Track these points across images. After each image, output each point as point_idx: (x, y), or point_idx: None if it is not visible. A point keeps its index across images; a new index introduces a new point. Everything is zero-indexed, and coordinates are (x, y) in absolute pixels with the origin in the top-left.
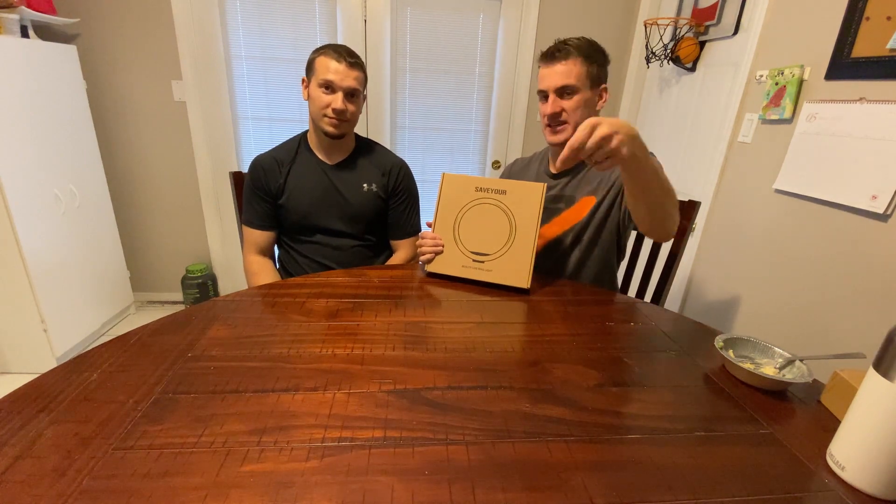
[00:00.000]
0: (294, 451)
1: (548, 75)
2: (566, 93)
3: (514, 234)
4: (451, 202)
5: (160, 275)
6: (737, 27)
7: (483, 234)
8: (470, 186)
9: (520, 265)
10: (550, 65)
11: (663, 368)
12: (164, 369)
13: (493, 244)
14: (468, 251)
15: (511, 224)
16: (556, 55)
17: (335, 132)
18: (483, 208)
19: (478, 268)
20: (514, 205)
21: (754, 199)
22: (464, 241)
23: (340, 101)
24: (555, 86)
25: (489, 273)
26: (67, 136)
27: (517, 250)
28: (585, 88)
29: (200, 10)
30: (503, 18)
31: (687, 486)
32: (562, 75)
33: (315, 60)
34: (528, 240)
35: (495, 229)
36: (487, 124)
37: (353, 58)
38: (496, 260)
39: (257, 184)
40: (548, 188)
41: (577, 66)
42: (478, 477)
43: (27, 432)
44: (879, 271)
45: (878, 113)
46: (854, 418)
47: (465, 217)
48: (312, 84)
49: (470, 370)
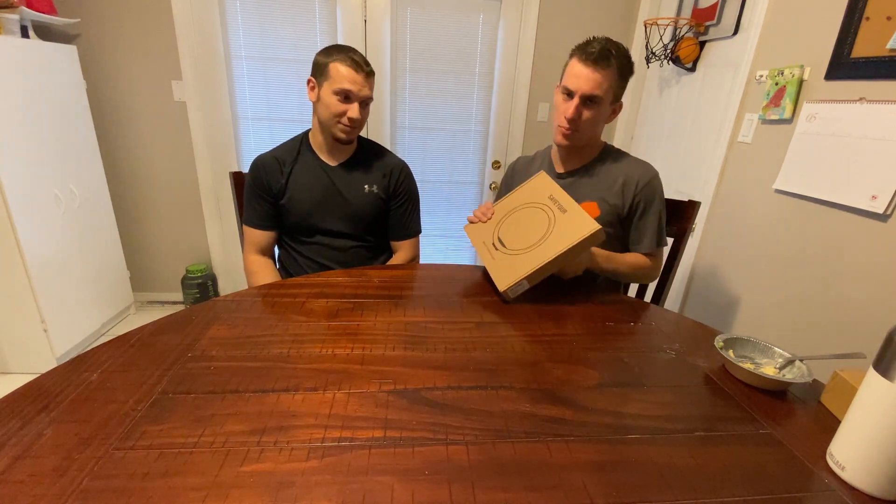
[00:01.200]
0: (294, 451)
1: (583, 77)
2: (592, 102)
3: (537, 246)
4: (526, 196)
5: (160, 275)
6: (737, 27)
7: (519, 231)
8: (546, 192)
9: (514, 271)
10: (590, 67)
11: (663, 368)
12: (164, 369)
13: (518, 242)
14: (496, 235)
15: (544, 238)
16: (599, 60)
17: (347, 139)
18: (539, 214)
19: (489, 251)
20: (562, 224)
21: (754, 199)
22: (502, 225)
23: (357, 111)
24: (586, 91)
25: (492, 261)
26: (67, 136)
27: (526, 258)
28: (608, 102)
29: (200, 10)
30: (503, 18)
31: (687, 486)
32: (596, 84)
33: (328, 66)
34: (541, 257)
35: (529, 234)
36: (487, 124)
37: (369, 66)
38: (506, 255)
39: (258, 183)
40: None
41: (611, 79)
42: (478, 477)
43: (27, 432)
44: (879, 271)
45: (878, 113)
46: (854, 418)
47: (521, 211)
48: (325, 89)
49: (470, 370)
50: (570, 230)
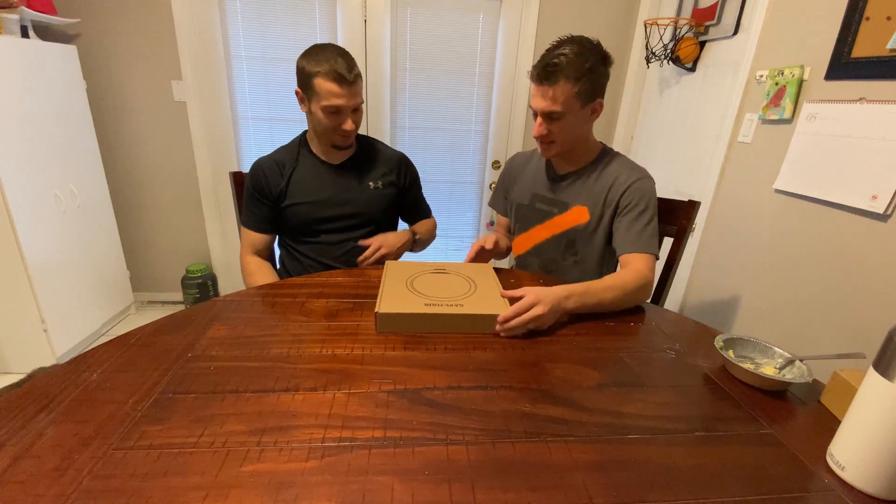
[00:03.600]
0: (294, 451)
1: (536, 96)
2: (553, 117)
3: (476, 286)
4: (397, 276)
5: (160, 275)
6: (737, 27)
7: (442, 286)
8: (415, 268)
9: (494, 300)
10: (539, 85)
11: (663, 368)
12: (164, 369)
13: (454, 293)
14: (427, 296)
15: (470, 282)
16: (544, 78)
17: (346, 145)
18: (435, 276)
19: (443, 305)
20: (469, 271)
21: (754, 199)
22: (420, 290)
23: (350, 123)
24: (543, 109)
25: (460, 307)
26: (67, 136)
27: (484, 293)
28: (574, 110)
29: (200, 10)
30: (503, 18)
31: (687, 486)
32: (549, 101)
33: (314, 81)
34: (493, 288)
35: (453, 285)
36: (487, 124)
37: (353, 71)
38: (464, 299)
39: (258, 187)
40: (546, 190)
41: (565, 91)
42: (478, 477)
43: (27, 432)
44: (879, 271)
45: (878, 113)
46: (854, 418)
47: (417, 279)
48: (314, 104)
49: (470, 370)
50: (480, 271)
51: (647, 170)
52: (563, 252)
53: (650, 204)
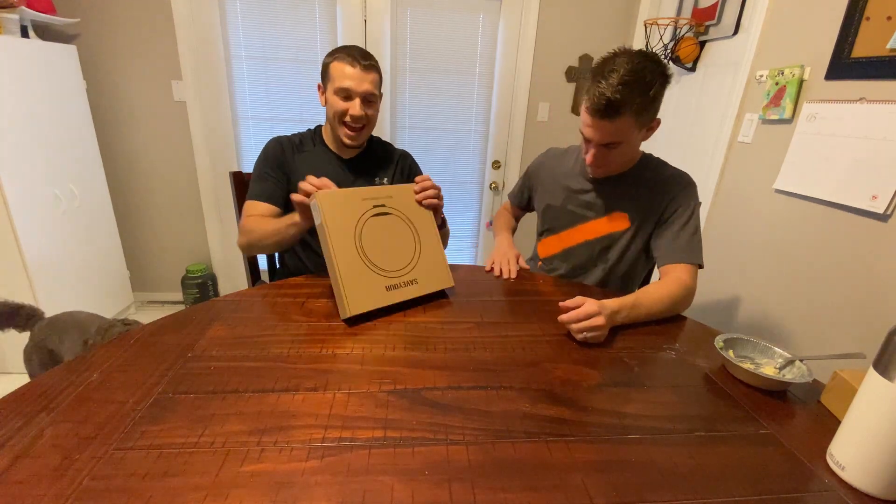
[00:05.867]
0: (294, 451)
1: (593, 128)
2: (610, 147)
3: (418, 235)
4: (341, 223)
5: (160, 275)
6: (737, 27)
7: (390, 245)
8: (354, 199)
9: (438, 264)
10: (597, 119)
11: (663, 368)
12: (164, 369)
13: (405, 254)
14: (384, 270)
15: (410, 227)
16: (606, 113)
17: (353, 143)
18: (377, 220)
19: (404, 285)
20: (404, 207)
21: (754, 199)
22: (375, 261)
23: (359, 108)
24: (600, 142)
25: (416, 287)
26: (67, 136)
27: (428, 250)
28: (633, 136)
29: (200, 10)
30: (503, 18)
31: (687, 486)
32: (609, 134)
33: (329, 66)
34: (432, 237)
35: (400, 236)
36: (487, 124)
37: (368, 60)
38: (416, 269)
39: (275, 159)
40: (581, 192)
41: (626, 123)
42: (478, 477)
43: (27, 432)
44: (879, 271)
45: (879, 113)
46: (854, 418)
47: (364, 234)
48: (329, 91)
49: (470, 370)
50: (412, 202)
51: (688, 174)
52: (595, 258)
53: (696, 212)
